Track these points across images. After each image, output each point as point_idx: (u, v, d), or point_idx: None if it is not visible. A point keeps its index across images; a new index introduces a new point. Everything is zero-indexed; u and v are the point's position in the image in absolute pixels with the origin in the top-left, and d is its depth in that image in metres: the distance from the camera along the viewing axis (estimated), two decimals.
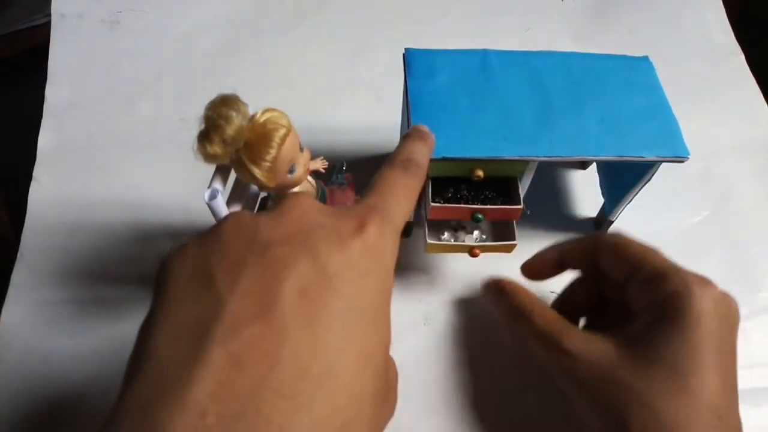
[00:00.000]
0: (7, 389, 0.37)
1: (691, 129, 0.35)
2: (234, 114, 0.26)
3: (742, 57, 0.56)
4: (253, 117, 0.28)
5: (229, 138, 0.26)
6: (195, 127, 0.27)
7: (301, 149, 0.30)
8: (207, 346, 0.17)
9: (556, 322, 0.30)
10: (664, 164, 0.35)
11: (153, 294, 0.20)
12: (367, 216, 0.22)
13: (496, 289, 0.35)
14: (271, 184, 0.29)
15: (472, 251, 0.36)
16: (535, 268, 0.36)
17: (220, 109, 0.26)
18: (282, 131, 0.28)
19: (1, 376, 0.38)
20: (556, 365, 0.29)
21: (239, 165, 0.28)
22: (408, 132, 0.30)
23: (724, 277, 0.43)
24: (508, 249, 0.36)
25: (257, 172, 0.28)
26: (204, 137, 0.27)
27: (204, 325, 0.18)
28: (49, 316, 0.40)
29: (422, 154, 0.28)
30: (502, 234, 0.39)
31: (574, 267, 0.35)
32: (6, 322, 0.39)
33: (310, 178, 0.33)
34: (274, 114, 0.28)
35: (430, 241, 0.36)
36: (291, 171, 0.30)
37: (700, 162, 0.48)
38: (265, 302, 0.18)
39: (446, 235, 0.39)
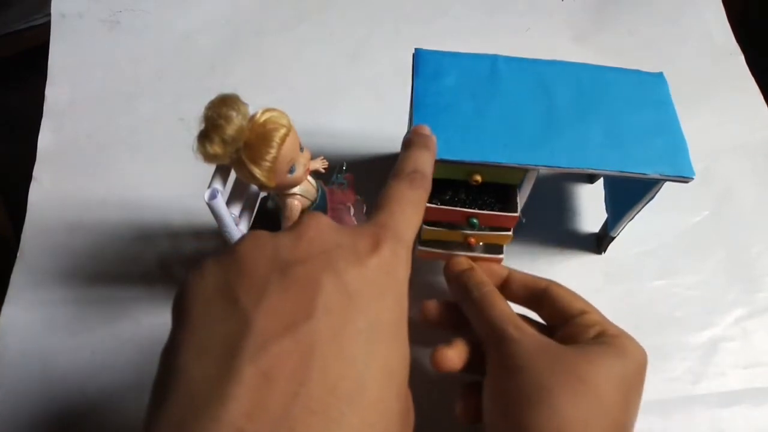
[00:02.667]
0: (6, 388, 0.37)
1: (691, 129, 0.35)
2: (234, 114, 0.26)
3: (742, 58, 0.56)
4: (253, 117, 0.28)
5: (230, 138, 0.26)
6: (195, 126, 0.27)
7: (301, 149, 0.30)
8: (237, 364, 0.17)
9: (508, 317, 0.31)
10: None
11: (173, 316, 0.20)
12: (381, 234, 0.22)
13: (457, 270, 0.35)
14: (271, 184, 0.29)
15: (467, 239, 0.36)
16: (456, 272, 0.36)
17: (220, 108, 0.26)
18: (282, 131, 0.28)
19: (0, 375, 0.38)
20: (495, 347, 0.30)
21: (239, 165, 0.28)
22: (410, 138, 0.30)
23: (724, 277, 0.44)
24: (504, 240, 0.36)
25: (257, 172, 0.28)
26: (204, 137, 0.27)
27: (232, 343, 0.18)
28: (49, 316, 0.40)
29: (427, 163, 0.28)
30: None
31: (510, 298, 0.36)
32: (6, 322, 0.39)
33: (309, 178, 0.33)
34: (275, 114, 0.28)
35: (426, 227, 0.36)
36: (291, 171, 0.30)
37: (700, 162, 0.48)
38: (291, 319, 0.18)
39: None
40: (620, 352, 0.29)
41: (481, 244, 0.40)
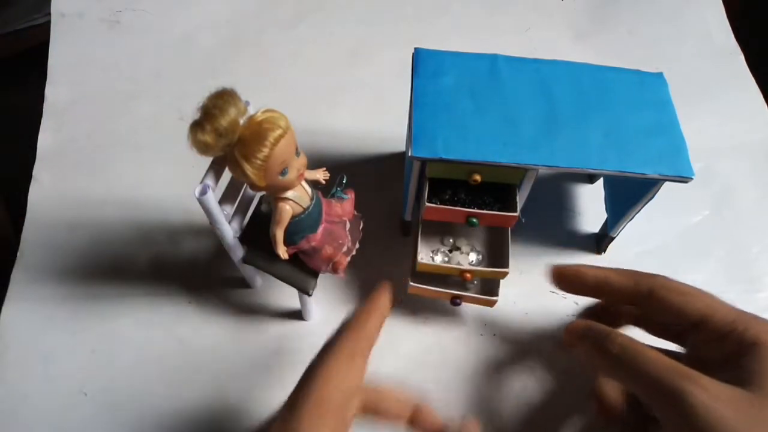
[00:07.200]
0: (6, 388, 0.37)
1: (691, 129, 0.35)
2: (230, 107, 0.26)
3: (742, 57, 0.56)
4: (252, 116, 0.28)
5: (222, 129, 0.26)
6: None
7: (298, 154, 0.30)
8: None
9: (671, 368, 0.26)
10: None
11: None
12: None
13: (576, 333, 0.31)
14: (261, 183, 0.29)
15: (462, 274, 0.36)
16: (568, 279, 0.33)
17: (217, 100, 0.26)
18: (278, 132, 0.28)
19: (0, 375, 0.38)
20: (672, 410, 0.26)
21: (231, 161, 0.28)
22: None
23: (724, 277, 0.44)
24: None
25: (248, 169, 0.28)
26: (197, 125, 0.27)
27: None
28: (49, 314, 0.40)
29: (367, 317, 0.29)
30: (497, 253, 0.39)
31: (612, 299, 0.32)
32: (6, 320, 0.40)
33: (305, 185, 0.32)
34: (274, 114, 0.28)
35: (421, 256, 0.36)
36: (283, 173, 0.29)
37: (700, 162, 0.48)
38: None
39: (439, 257, 0.39)
40: None
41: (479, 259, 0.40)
